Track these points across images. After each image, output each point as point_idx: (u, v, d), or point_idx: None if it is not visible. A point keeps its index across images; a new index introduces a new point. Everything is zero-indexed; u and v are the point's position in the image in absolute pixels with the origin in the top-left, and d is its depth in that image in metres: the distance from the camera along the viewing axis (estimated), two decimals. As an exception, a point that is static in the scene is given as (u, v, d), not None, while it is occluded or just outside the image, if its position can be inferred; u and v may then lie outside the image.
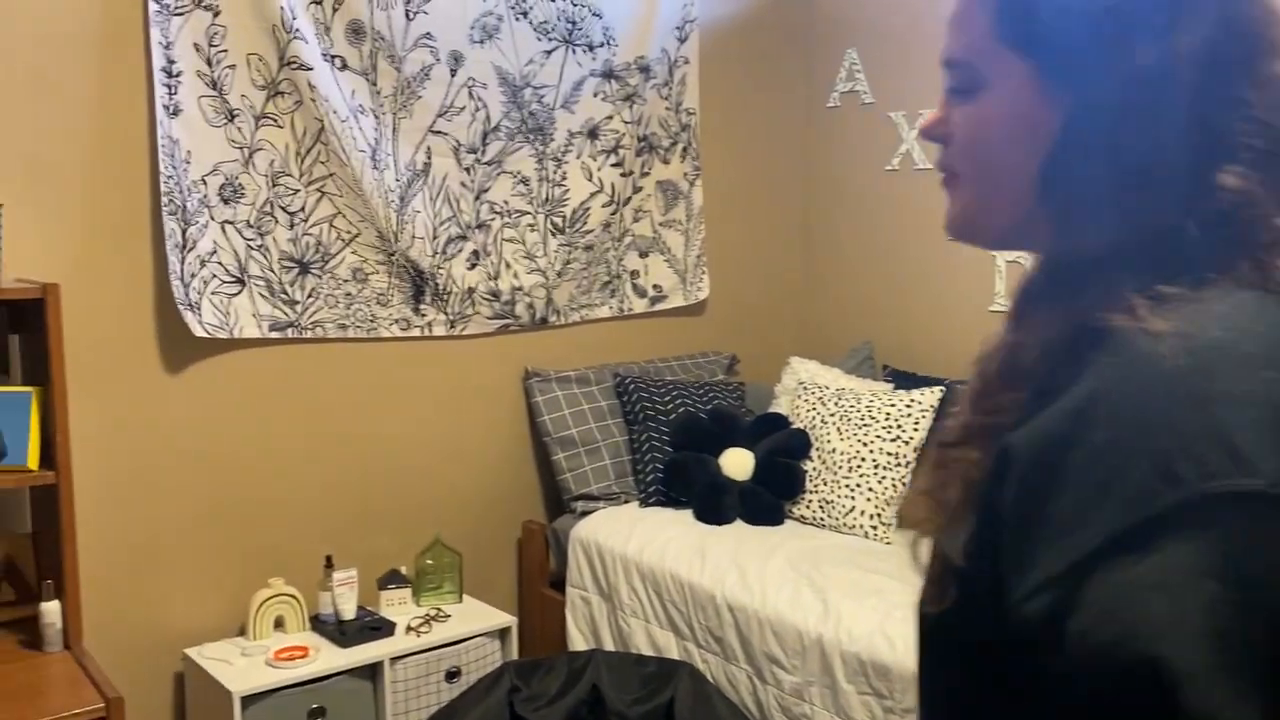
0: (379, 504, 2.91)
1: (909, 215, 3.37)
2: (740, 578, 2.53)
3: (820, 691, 2.28)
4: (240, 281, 2.60)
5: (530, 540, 3.11)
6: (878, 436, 2.89)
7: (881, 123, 3.45)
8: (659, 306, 3.44)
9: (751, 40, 3.55)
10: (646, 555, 2.73)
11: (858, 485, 2.86)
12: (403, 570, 2.83)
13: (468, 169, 2.95)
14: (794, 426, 3.05)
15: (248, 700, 2.37)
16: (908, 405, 2.91)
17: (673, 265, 3.45)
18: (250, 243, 2.61)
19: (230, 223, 2.57)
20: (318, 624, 2.67)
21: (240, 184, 2.58)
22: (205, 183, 2.52)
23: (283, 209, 2.65)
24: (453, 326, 2.99)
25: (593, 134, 3.19)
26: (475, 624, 2.75)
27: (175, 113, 2.46)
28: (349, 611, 2.67)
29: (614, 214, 3.28)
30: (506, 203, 3.04)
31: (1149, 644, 0.53)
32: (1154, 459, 0.55)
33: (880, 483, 2.84)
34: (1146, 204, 0.63)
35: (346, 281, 2.78)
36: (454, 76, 2.89)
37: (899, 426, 2.88)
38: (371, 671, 2.57)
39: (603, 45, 3.17)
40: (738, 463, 3.00)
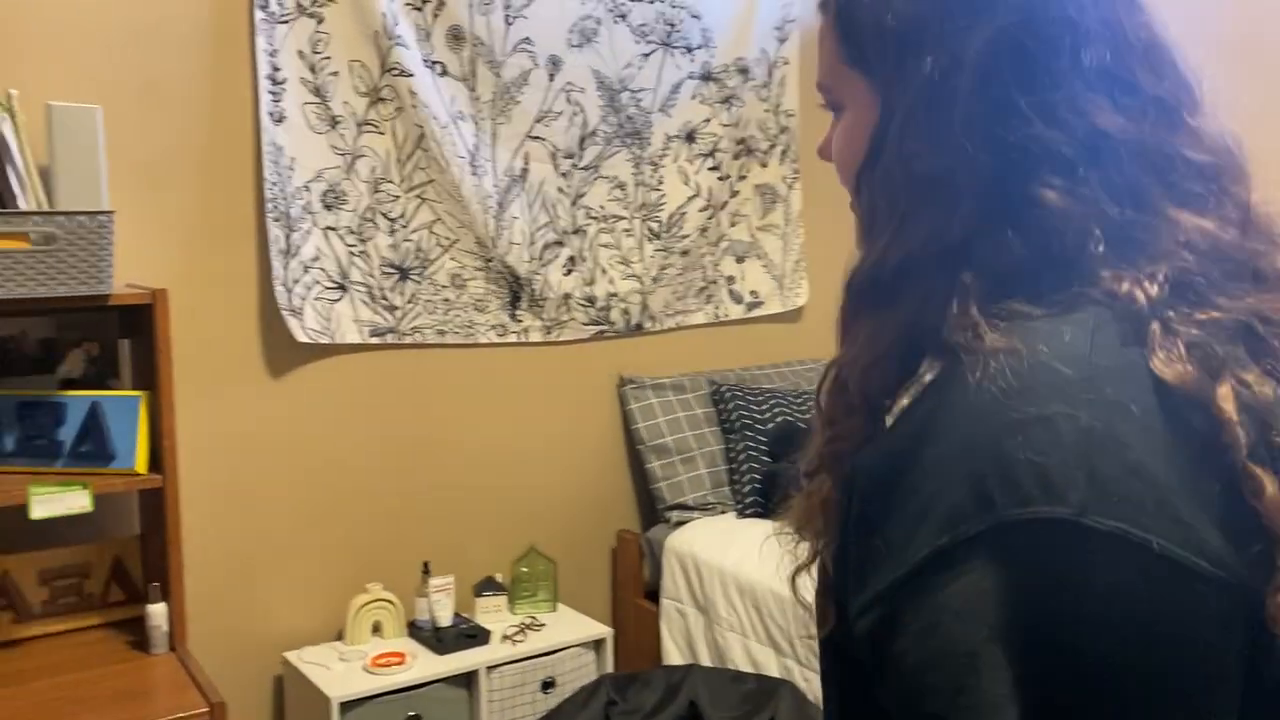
0: (474, 510, 2.90)
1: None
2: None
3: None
4: (341, 287, 2.61)
5: (624, 550, 3.07)
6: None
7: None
8: (756, 313, 3.37)
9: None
10: (745, 569, 2.67)
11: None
12: (498, 578, 2.82)
13: (564, 174, 2.93)
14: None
15: (346, 706, 2.37)
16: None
17: (770, 271, 3.38)
18: (352, 249, 2.62)
19: (332, 229, 2.58)
20: (414, 630, 2.66)
21: (342, 190, 2.59)
22: (308, 189, 2.54)
23: (383, 215, 2.65)
24: (548, 332, 2.97)
25: (690, 137, 3.14)
26: (571, 634, 2.72)
27: (279, 120, 2.48)
28: (445, 618, 2.66)
29: (711, 218, 3.22)
30: (603, 207, 3.01)
31: (946, 671, 0.53)
32: (970, 481, 0.54)
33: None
34: (938, 217, 0.62)
35: (445, 287, 2.77)
36: (552, 81, 2.86)
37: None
38: (467, 680, 2.55)
39: (701, 47, 3.11)
40: (838, 474, 2.91)
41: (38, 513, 2.01)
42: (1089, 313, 0.58)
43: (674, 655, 2.81)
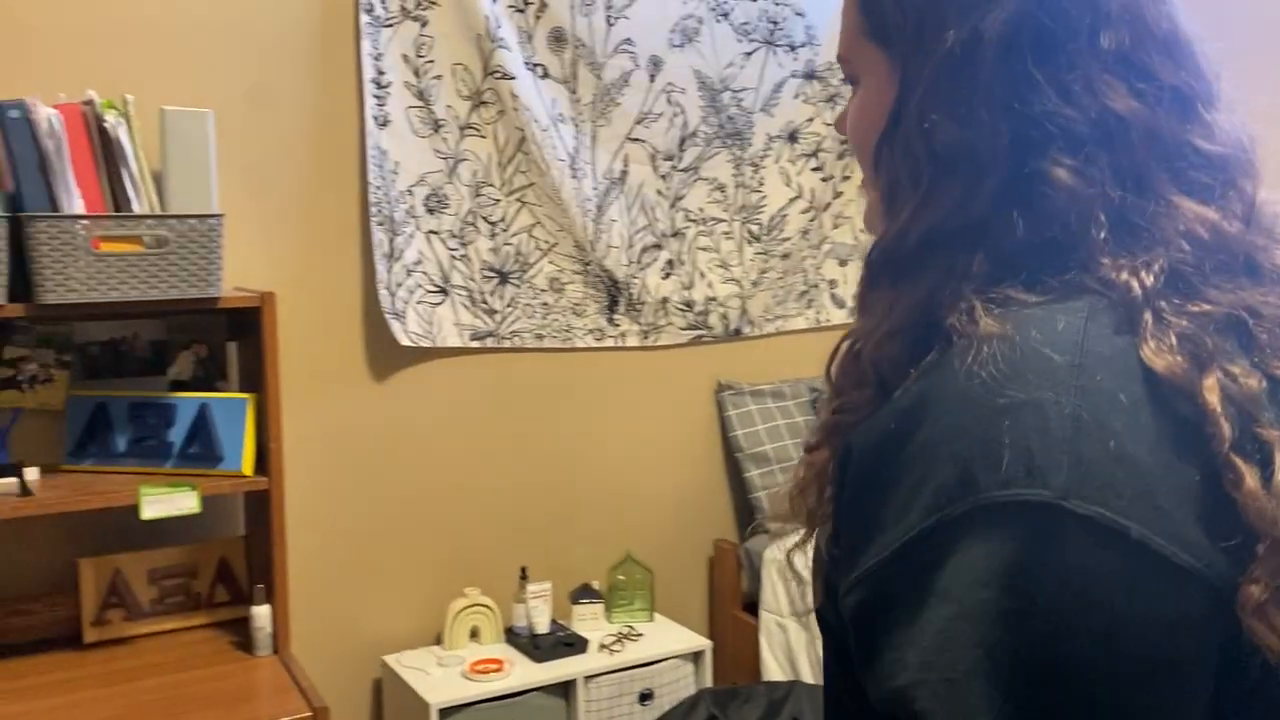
0: (571, 516, 2.87)
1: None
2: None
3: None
4: (443, 291, 2.60)
5: (722, 560, 3.01)
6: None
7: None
8: (857, 318, 3.28)
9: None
10: (849, 582, 2.58)
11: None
12: (595, 585, 2.78)
13: (664, 176, 2.88)
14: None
15: (445, 712, 2.35)
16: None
17: (873, 275, 3.29)
18: (453, 252, 2.61)
19: (435, 233, 2.58)
20: (511, 636, 2.64)
21: (444, 194, 2.58)
22: (412, 193, 2.53)
23: (484, 219, 2.64)
24: (646, 337, 2.92)
25: (792, 137, 3.07)
26: (669, 645, 2.67)
27: (384, 124, 2.48)
28: (542, 625, 2.63)
29: (813, 220, 3.14)
30: (702, 210, 2.96)
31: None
32: (957, 463, 0.54)
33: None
34: (960, 191, 0.62)
35: (544, 291, 2.75)
36: (653, 82, 2.82)
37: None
38: (564, 689, 2.52)
39: (804, 45, 3.04)
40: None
41: (148, 513, 2.03)
42: (1084, 300, 0.59)
43: (774, 670, 2.74)
